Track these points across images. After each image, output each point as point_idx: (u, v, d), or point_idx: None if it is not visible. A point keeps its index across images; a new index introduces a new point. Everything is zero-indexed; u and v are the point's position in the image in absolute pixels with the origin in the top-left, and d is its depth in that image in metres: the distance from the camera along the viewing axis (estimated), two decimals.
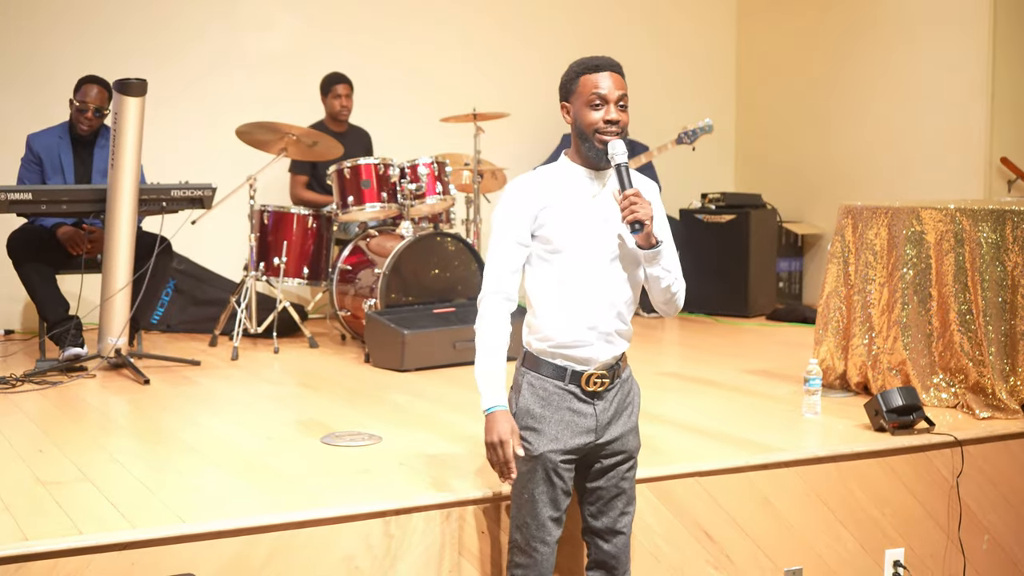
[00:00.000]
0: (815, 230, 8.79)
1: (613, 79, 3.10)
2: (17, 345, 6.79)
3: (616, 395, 3.21)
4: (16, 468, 3.96)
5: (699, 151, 7.86)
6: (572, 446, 3.15)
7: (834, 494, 4.11)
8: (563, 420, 3.15)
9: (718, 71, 9.59)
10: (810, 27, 8.89)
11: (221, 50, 7.91)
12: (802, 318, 7.81)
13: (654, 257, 3.09)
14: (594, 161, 3.13)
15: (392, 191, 6.63)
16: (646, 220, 3.01)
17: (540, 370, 3.17)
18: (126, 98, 5.73)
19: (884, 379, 4.94)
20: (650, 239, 3.05)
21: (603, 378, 3.16)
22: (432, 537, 3.48)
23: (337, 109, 7.45)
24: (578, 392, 3.16)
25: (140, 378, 5.50)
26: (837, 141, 8.65)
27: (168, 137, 7.23)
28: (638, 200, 3.00)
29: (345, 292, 6.65)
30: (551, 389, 3.15)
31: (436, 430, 4.52)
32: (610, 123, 3.07)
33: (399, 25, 8.37)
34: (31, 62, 7.40)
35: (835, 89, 8.65)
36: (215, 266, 7.62)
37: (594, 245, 3.13)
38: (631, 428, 3.25)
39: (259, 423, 4.78)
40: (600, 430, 3.18)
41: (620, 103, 3.10)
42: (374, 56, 8.22)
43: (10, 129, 6.92)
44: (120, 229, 5.80)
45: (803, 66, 8.95)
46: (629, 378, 3.29)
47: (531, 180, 3.18)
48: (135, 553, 3.13)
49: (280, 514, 3.35)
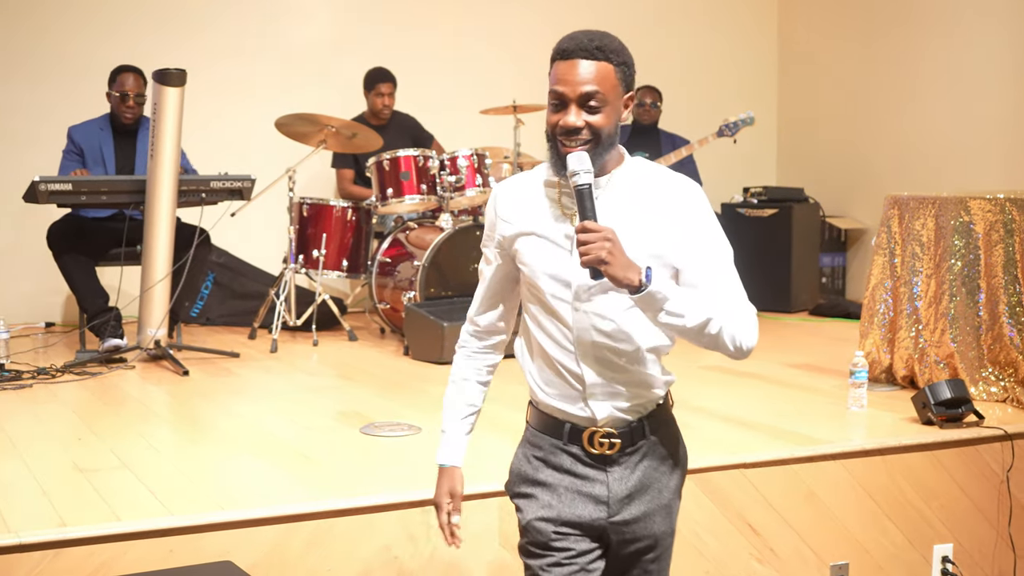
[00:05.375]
0: (858, 225, 8.69)
1: (579, 69, 2.29)
2: (57, 337, 6.82)
3: (642, 462, 2.43)
4: (56, 456, 3.96)
5: (740, 144, 7.79)
6: (571, 517, 2.42)
7: (881, 488, 4.04)
8: (561, 484, 2.44)
9: (759, 62, 9.50)
10: (852, 16, 8.79)
11: (261, 41, 7.91)
12: (845, 313, 7.71)
13: (647, 304, 2.25)
14: (558, 172, 2.36)
15: (431, 183, 6.60)
16: (605, 260, 2.20)
17: (538, 424, 2.50)
18: (165, 88, 5.72)
19: (931, 372, 4.86)
20: (623, 282, 2.22)
21: (613, 437, 2.41)
22: (472, 528, 3.44)
23: (379, 107, 7.43)
24: (581, 454, 2.43)
25: (179, 369, 5.50)
26: (881, 133, 8.54)
27: (206, 128, 7.23)
28: (589, 235, 2.20)
29: (384, 285, 6.62)
30: (549, 448, 2.47)
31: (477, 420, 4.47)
32: (568, 132, 2.30)
33: (439, 16, 8.34)
34: (69, 54, 7.42)
35: (878, 80, 8.54)
36: (253, 259, 7.62)
37: (568, 276, 2.37)
38: (659, 507, 2.46)
39: (298, 413, 4.77)
40: (615, 504, 2.42)
41: (589, 103, 2.29)
42: (414, 47, 8.18)
43: (50, 121, 6.94)
44: (159, 220, 5.80)
45: (845, 56, 8.85)
46: (666, 439, 2.48)
47: (500, 192, 2.50)
48: (173, 540, 3.11)
49: (319, 502, 3.32)
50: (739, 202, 8.34)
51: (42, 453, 4.01)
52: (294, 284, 6.68)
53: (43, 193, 5.76)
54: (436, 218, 6.71)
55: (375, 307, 6.76)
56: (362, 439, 4.17)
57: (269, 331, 6.52)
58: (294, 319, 6.64)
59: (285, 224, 6.80)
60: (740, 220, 8.22)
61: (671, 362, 2.47)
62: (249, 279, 7.52)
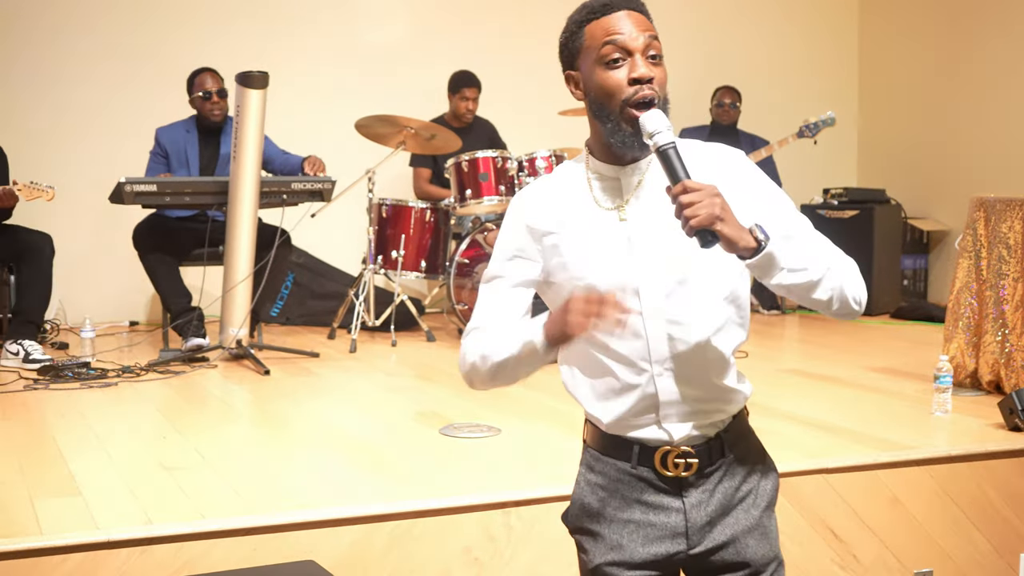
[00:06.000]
0: (941, 226, 8.56)
1: (633, 19, 2.03)
2: (141, 336, 6.93)
3: (721, 483, 2.14)
4: (142, 454, 4.03)
5: (821, 145, 7.71)
6: (645, 557, 2.13)
7: (966, 494, 3.97)
8: (631, 519, 2.14)
9: (840, 62, 9.39)
10: (935, 15, 8.66)
11: (340, 43, 7.98)
12: (927, 316, 7.60)
13: (766, 266, 1.96)
14: (621, 150, 2.06)
15: (510, 184, 6.61)
16: (721, 216, 1.89)
17: (600, 446, 2.19)
18: (248, 90, 5.79)
19: (1018, 377, 4.77)
20: (741, 243, 1.92)
21: (689, 457, 2.11)
22: (552, 530, 3.43)
23: (463, 111, 7.45)
24: (653, 478, 2.13)
25: (260, 368, 5.56)
26: (964, 133, 8.41)
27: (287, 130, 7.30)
28: (693, 194, 1.90)
29: (462, 286, 6.64)
30: (614, 474, 2.16)
31: (555, 421, 4.47)
32: (638, 82, 2.00)
33: (516, 16, 8.35)
34: (152, 56, 7.55)
35: (961, 79, 8.40)
36: (333, 259, 7.69)
37: (633, 280, 2.05)
38: (750, 527, 2.15)
39: (378, 414, 4.80)
40: (695, 534, 2.12)
41: (650, 54, 2.03)
42: (492, 48, 8.20)
43: (138, 122, 7.05)
44: (242, 221, 5.87)
45: (928, 56, 8.72)
46: (747, 454, 2.19)
47: (526, 198, 2.17)
48: (257, 539, 3.14)
49: (400, 502, 3.33)
50: (819, 203, 8.25)
51: (128, 451, 4.08)
52: (373, 285, 6.72)
53: (129, 194, 5.86)
54: None
55: (453, 308, 6.78)
56: (442, 440, 4.19)
57: (348, 331, 6.57)
58: (373, 319, 6.68)
59: (364, 225, 6.84)
60: (820, 222, 8.11)
61: (748, 366, 2.41)
62: (328, 279, 7.58)
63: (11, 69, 7.35)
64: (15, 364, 5.73)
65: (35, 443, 4.15)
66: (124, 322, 7.47)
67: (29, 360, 5.71)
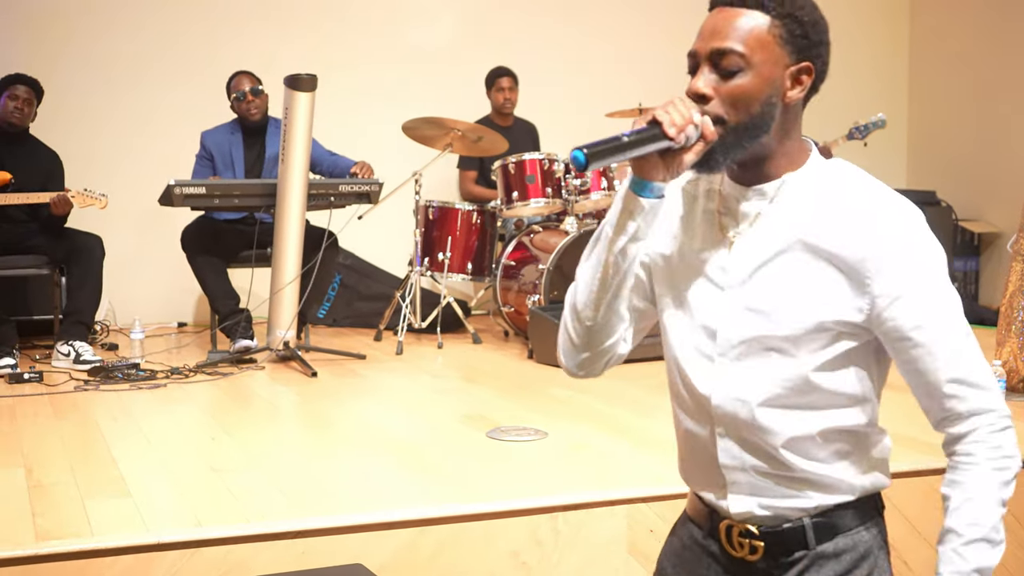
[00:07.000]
0: (993, 228, 8.46)
1: (717, 21, 1.68)
2: (190, 337, 6.97)
3: None
4: (190, 455, 4.04)
5: (871, 147, 7.63)
6: None
7: (1019, 501, 3.91)
8: None
9: (890, 64, 9.31)
10: (986, 16, 8.56)
11: (386, 44, 7.99)
12: (979, 319, 7.50)
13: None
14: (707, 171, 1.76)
15: (556, 186, 6.59)
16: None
17: (688, 503, 1.92)
18: (296, 93, 5.81)
19: None
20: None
21: (754, 539, 1.77)
22: (600, 534, 3.42)
23: (500, 102, 7.46)
24: (719, 555, 1.83)
25: (308, 370, 5.57)
26: (1016, 133, 8.30)
27: (335, 132, 7.33)
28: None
29: (508, 288, 6.63)
30: (688, 542, 1.89)
31: (602, 425, 4.45)
32: (695, 99, 1.69)
33: (564, 18, 8.34)
34: (199, 59, 7.60)
35: (1012, 80, 8.30)
36: (379, 261, 7.70)
37: (713, 321, 1.75)
38: None
39: (424, 416, 4.80)
40: None
41: (720, 63, 1.67)
42: (539, 50, 8.19)
43: (185, 125, 7.09)
44: (289, 223, 5.88)
45: (978, 57, 8.62)
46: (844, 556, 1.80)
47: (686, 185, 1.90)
48: (305, 542, 3.14)
49: (448, 506, 3.32)
50: None
51: (177, 452, 4.10)
52: (419, 286, 6.73)
53: (178, 196, 5.89)
54: (561, 221, 6.69)
55: (499, 310, 6.77)
56: (489, 443, 4.17)
57: (394, 333, 6.58)
58: (419, 321, 6.69)
59: (411, 227, 6.85)
60: None
61: None
62: (375, 281, 7.60)
63: (57, 71, 7.37)
64: (66, 365, 5.78)
65: (86, 444, 4.17)
66: (172, 323, 7.52)
67: (80, 361, 5.76)
